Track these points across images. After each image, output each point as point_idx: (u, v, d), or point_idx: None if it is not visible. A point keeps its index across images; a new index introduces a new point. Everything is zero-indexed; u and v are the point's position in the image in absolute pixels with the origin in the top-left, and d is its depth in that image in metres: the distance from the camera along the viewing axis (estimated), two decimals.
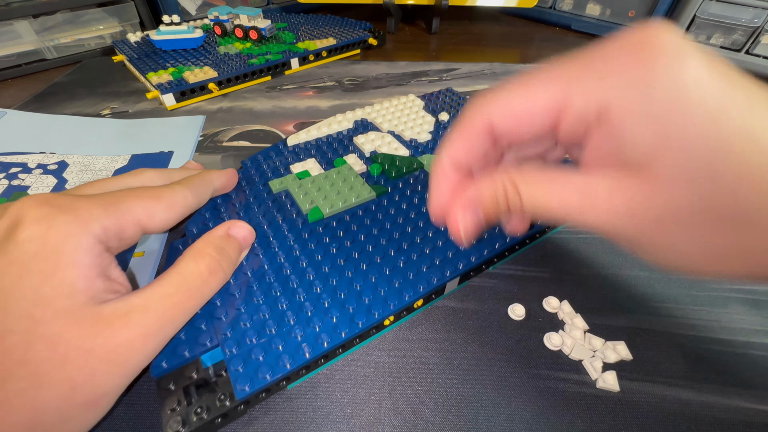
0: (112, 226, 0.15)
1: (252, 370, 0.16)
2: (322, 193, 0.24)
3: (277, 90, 0.43)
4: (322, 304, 0.18)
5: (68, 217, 0.14)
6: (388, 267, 0.20)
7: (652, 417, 0.17)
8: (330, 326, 0.17)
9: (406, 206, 0.24)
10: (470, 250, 0.21)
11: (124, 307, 0.14)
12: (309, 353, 0.16)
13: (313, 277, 0.19)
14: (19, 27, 0.46)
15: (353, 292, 0.19)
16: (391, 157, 0.27)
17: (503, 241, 0.22)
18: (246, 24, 0.48)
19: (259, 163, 0.28)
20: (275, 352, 0.17)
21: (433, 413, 0.17)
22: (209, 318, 0.18)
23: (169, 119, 0.38)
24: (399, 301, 0.19)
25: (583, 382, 0.18)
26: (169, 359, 0.16)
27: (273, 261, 0.20)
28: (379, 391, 0.18)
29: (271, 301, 0.18)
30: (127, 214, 0.15)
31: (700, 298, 0.22)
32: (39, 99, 0.41)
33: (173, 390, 0.16)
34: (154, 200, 0.17)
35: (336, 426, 0.17)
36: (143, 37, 0.50)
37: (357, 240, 0.22)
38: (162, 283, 0.15)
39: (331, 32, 0.53)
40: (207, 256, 0.17)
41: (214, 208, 0.23)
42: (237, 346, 0.17)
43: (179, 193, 0.18)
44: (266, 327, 0.17)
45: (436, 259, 0.21)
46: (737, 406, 0.17)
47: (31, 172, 0.30)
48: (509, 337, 0.20)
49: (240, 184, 0.25)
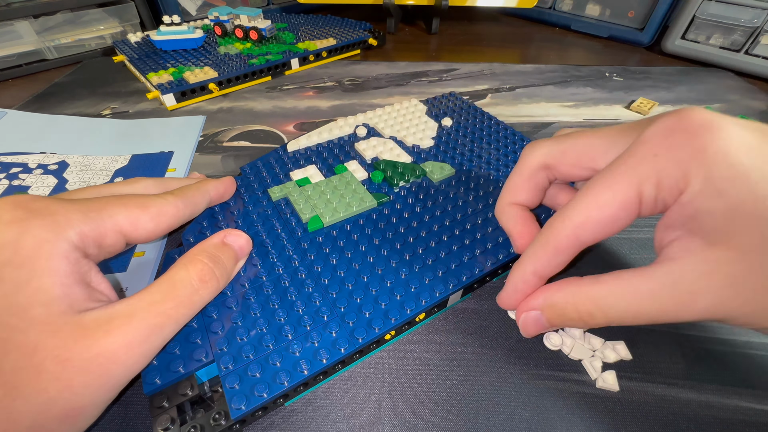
0: (91, 233, 0.14)
1: (248, 388, 0.15)
2: (323, 202, 0.23)
3: (277, 90, 0.43)
4: (321, 317, 0.18)
5: (43, 222, 0.13)
6: (389, 279, 0.19)
7: (652, 417, 0.17)
8: (329, 341, 0.17)
9: (408, 215, 0.23)
10: (474, 262, 0.21)
11: (105, 315, 0.13)
12: (307, 370, 0.16)
13: (312, 289, 0.19)
14: (20, 27, 0.46)
15: (353, 305, 0.18)
16: (393, 164, 0.27)
17: (507, 252, 0.21)
18: (246, 24, 0.48)
19: (258, 169, 0.27)
20: (272, 368, 0.16)
21: (433, 413, 0.17)
22: (205, 332, 0.17)
23: (169, 119, 0.38)
24: (401, 314, 0.18)
25: (583, 381, 0.18)
26: (163, 376, 0.16)
27: (271, 272, 0.20)
28: (379, 391, 0.18)
29: (269, 314, 0.18)
30: (108, 221, 0.15)
31: None
32: (39, 99, 0.41)
33: (167, 408, 0.15)
34: (139, 209, 0.16)
35: (336, 426, 0.17)
36: (144, 37, 0.50)
37: (357, 250, 0.21)
38: (150, 290, 0.15)
39: (331, 32, 0.53)
40: (199, 263, 0.16)
41: (212, 216, 0.23)
42: (233, 361, 0.16)
43: (169, 203, 0.18)
44: (263, 342, 0.17)
45: (438, 270, 0.20)
46: (737, 406, 0.17)
47: (32, 172, 0.30)
48: (509, 337, 0.20)
49: (238, 191, 0.25)
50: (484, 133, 0.32)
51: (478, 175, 0.27)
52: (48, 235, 0.13)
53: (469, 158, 0.29)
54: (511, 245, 0.21)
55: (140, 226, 0.16)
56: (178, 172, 0.31)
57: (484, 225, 0.23)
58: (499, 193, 0.20)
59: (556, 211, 0.19)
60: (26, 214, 0.13)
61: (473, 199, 0.25)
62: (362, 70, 0.48)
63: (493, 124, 0.33)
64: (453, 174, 0.27)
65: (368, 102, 0.41)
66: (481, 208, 0.24)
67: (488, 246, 0.21)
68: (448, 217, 0.23)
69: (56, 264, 0.13)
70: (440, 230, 0.22)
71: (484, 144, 0.30)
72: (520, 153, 0.19)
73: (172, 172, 0.31)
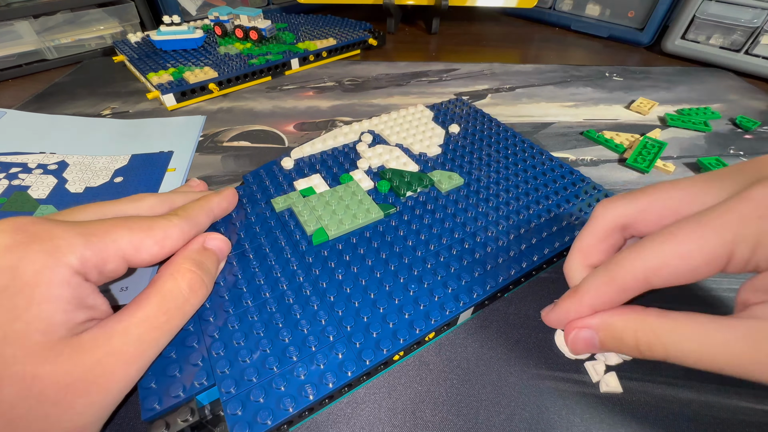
0: (93, 258, 0.14)
1: (251, 415, 0.15)
2: (327, 213, 0.23)
3: (277, 90, 0.43)
4: (327, 338, 0.17)
5: (43, 247, 0.13)
6: (397, 296, 0.19)
7: (652, 417, 0.17)
8: (335, 364, 0.16)
9: (416, 227, 0.23)
10: (486, 278, 0.20)
11: (102, 334, 0.13)
12: (313, 395, 0.15)
13: (318, 307, 0.18)
14: (20, 27, 0.46)
15: (360, 324, 0.18)
16: (399, 173, 0.26)
17: (519, 268, 0.20)
18: (246, 24, 0.48)
19: (261, 178, 0.26)
20: (277, 392, 0.15)
21: (433, 413, 0.17)
22: (206, 353, 0.16)
23: (169, 119, 0.38)
24: (410, 334, 0.17)
25: (583, 382, 0.18)
26: (162, 400, 0.15)
27: (275, 288, 0.19)
28: (379, 391, 0.18)
29: (273, 333, 0.17)
30: (111, 246, 0.14)
31: (700, 298, 0.22)
32: (39, 99, 0.41)
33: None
34: (144, 233, 0.16)
35: (336, 426, 0.17)
36: (144, 37, 0.50)
37: (364, 265, 0.20)
38: (141, 304, 0.15)
39: (331, 32, 0.53)
40: (187, 272, 0.16)
41: (214, 228, 0.22)
42: (236, 385, 0.15)
43: (174, 225, 0.17)
44: (267, 364, 0.16)
45: (448, 287, 0.19)
46: (737, 406, 0.17)
47: (31, 172, 0.30)
48: (509, 337, 0.20)
49: (241, 201, 0.24)
50: (492, 140, 0.31)
51: (488, 185, 0.26)
52: (48, 261, 0.13)
53: (479, 167, 0.28)
54: (522, 261, 0.21)
55: (144, 250, 0.16)
56: (177, 171, 0.31)
57: (495, 238, 0.22)
58: (569, 250, 0.18)
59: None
60: (26, 238, 0.13)
61: (483, 210, 0.24)
62: (362, 70, 0.48)
63: (501, 131, 0.32)
64: (462, 184, 0.26)
65: (368, 102, 0.41)
66: (491, 220, 0.23)
67: (500, 261, 0.21)
68: (458, 229, 0.22)
69: (57, 290, 0.13)
70: (450, 243, 0.22)
71: (493, 152, 0.29)
72: (591, 211, 0.18)
73: (172, 171, 0.31)
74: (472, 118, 0.34)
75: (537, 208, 0.24)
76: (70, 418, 0.12)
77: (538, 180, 0.27)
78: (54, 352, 0.12)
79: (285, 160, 0.27)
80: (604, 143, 0.34)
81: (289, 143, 0.35)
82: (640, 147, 0.33)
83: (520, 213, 0.24)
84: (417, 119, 0.33)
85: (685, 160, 0.33)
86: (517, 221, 0.23)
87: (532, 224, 0.23)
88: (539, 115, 0.39)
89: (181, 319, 0.16)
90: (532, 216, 0.24)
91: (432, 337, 0.19)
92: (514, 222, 0.23)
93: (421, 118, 0.33)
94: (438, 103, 0.36)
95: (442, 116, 0.34)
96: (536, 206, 0.24)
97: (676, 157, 0.33)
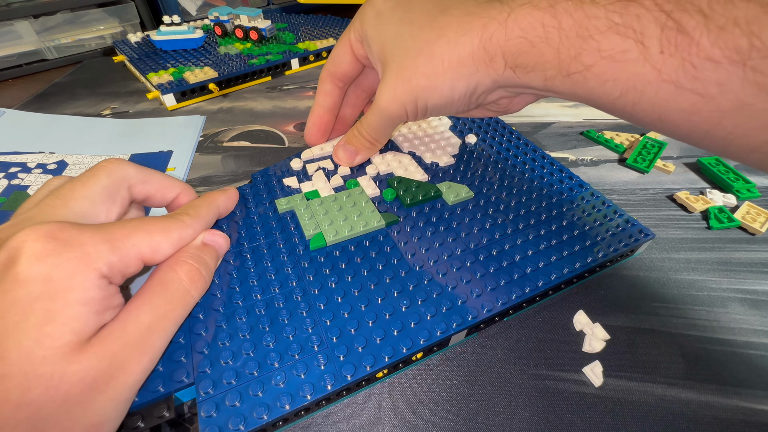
0: (118, 263, 0.14)
1: (224, 419, 0.15)
2: (328, 218, 0.22)
3: (277, 90, 0.43)
4: (311, 347, 0.17)
5: (74, 254, 0.13)
6: (387, 311, 0.18)
7: (652, 417, 0.17)
8: (315, 375, 0.16)
9: (417, 239, 0.21)
10: (483, 300, 0.19)
11: (118, 327, 0.14)
12: (289, 405, 0.15)
13: (306, 314, 0.18)
14: (20, 27, 0.46)
15: (346, 336, 0.17)
16: (407, 182, 0.25)
17: (521, 292, 0.19)
18: (246, 24, 0.48)
19: (269, 177, 0.26)
20: (253, 399, 0.15)
21: (433, 413, 0.17)
22: (190, 350, 0.16)
23: (169, 119, 0.38)
24: (395, 353, 0.17)
25: (582, 382, 0.18)
26: (141, 393, 0.15)
27: (266, 291, 0.19)
28: (379, 391, 0.18)
29: (257, 337, 0.17)
30: (132, 250, 0.15)
31: (700, 298, 0.22)
32: (39, 99, 0.41)
33: (141, 428, 0.15)
34: (161, 234, 0.16)
35: (336, 426, 0.17)
36: (144, 37, 0.50)
37: (359, 275, 0.20)
38: (146, 295, 0.15)
39: (331, 32, 0.53)
40: (185, 264, 0.17)
41: (217, 227, 0.22)
42: (213, 386, 0.15)
43: (189, 227, 0.18)
44: (247, 368, 0.16)
45: (443, 306, 0.18)
46: (736, 406, 0.17)
47: (31, 171, 0.30)
48: (509, 337, 0.20)
49: (246, 200, 0.24)
50: (510, 153, 0.29)
51: (498, 200, 0.24)
52: (80, 267, 0.13)
53: (491, 181, 0.26)
54: (527, 285, 0.19)
55: (161, 252, 0.16)
56: (177, 171, 0.31)
57: (499, 257, 0.21)
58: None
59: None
60: (58, 246, 0.13)
61: (490, 227, 0.22)
62: None
63: (521, 144, 0.30)
64: (471, 197, 0.24)
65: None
66: (497, 239, 0.22)
67: (501, 282, 0.19)
68: (460, 245, 0.21)
69: (90, 294, 0.13)
70: (450, 260, 0.20)
71: (509, 166, 0.27)
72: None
73: (172, 171, 0.31)
74: (491, 129, 0.32)
75: (549, 231, 0.22)
76: (92, 415, 0.13)
77: (554, 200, 0.25)
78: (80, 352, 0.13)
79: (294, 161, 0.27)
80: (604, 143, 0.34)
81: (289, 143, 0.35)
82: (640, 147, 0.33)
83: (530, 234, 0.22)
84: (433, 127, 0.32)
85: (685, 160, 0.33)
86: (525, 242, 0.22)
87: (542, 246, 0.21)
88: (539, 115, 0.39)
89: (183, 309, 0.16)
90: (542, 239, 0.22)
91: (420, 357, 0.19)
92: (522, 242, 0.22)
93: (438, 126, 0.32)
94: None
95: (461, 125, 0.32)
96: (548, 228, 0.22)
97: (676, 157, 0.33)
